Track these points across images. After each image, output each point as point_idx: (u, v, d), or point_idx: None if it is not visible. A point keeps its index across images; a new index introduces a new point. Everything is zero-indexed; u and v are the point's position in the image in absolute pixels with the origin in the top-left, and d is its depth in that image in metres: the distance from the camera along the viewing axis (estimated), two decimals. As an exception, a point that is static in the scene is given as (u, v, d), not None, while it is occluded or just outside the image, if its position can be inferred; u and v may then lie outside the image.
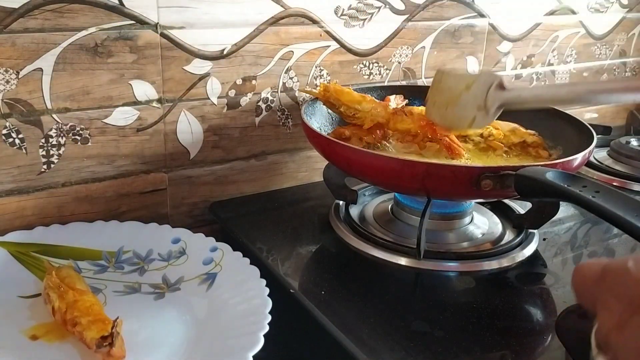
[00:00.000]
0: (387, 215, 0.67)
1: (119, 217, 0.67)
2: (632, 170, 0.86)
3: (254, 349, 0.46)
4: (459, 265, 0.59)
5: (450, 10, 0.84)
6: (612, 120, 1.15)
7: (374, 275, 0.58)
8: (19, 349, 0.48)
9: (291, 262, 0.60)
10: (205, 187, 0.73)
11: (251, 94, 0.72)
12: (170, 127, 0.68)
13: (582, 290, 0.32)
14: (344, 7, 0.75)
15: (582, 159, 0.58)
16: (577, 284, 0.32)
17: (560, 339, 0.44)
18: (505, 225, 0.67)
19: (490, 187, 0.52)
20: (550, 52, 0.99)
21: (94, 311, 0.50)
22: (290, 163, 0.79)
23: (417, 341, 0.48)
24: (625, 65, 1.12)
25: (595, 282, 0.30)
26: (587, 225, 0.71)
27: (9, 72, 0.58)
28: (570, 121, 0.69)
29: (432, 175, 0.54)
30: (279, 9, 0.70)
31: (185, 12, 0.64)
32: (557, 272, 0.60)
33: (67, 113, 0.62)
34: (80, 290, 0.52)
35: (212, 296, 0.56)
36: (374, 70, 0.81)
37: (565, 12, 0.97)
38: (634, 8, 1.07)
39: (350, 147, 0.60)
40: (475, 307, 0.53)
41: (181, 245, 0.62)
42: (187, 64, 0.66)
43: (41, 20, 0.57)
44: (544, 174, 0.49)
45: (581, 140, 0.64)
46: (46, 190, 0.64)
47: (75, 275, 0.55)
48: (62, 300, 0.50)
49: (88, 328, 0.48)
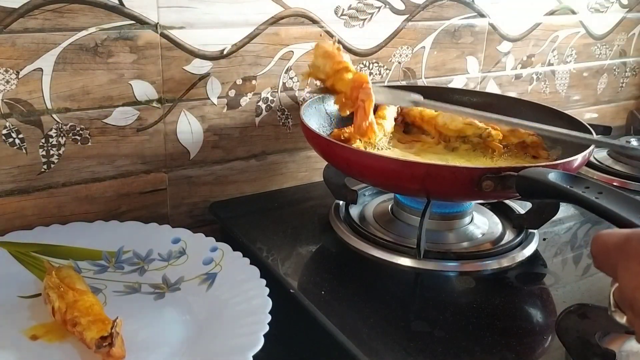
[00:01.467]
0: (387, 215, 0.67)
1: (119, 217, 0.67)
2: (632, 170, 0.86)
3: (254, 349, 0.46)
4: (459, 265, 0.59)
5: (450, 10, 0.84)
6: (612, 120, 1.15)
7: (374, 275, 0.58)
8: (19, 349, 0.48)
9: (291, 262, 0.60)
10: (205, 187, 0.73)
11: (251, 94, 0.72)
12: (170, 127, 0.68)
13: (602, 254, 0.35)
14: (344, 7, 0.75)
15: (582, 160, 0.58)
16: (597, 249, 0.35)
17: (560, 339, 0.44)
18: (505, 225, 0.67)
19: (491, 188, 0.52)
20: (550, 52, 0.99)
21: (94, 311, 0.50)
22: (290, 163, 0.79)
23: (417, 341, 0.48)
24: (625, 65, 1.12)
25: (617, 247, 0.34)
26: (587, 225, 0.71)
27: (9, 72, 0.58)
28: (569, 121, 0.68)
29: (433, 176, 0.54)
30: (279, 9, 0.70)
31: (185, 12, 0.64)
32: (557, 272, 0.60)
33: (67, 113, 0.62)
34: (80, 291, 0.52)
35: (212, 296, 0.56)
36: (374, 70, 0.81)
37: (565, 12, 0.97)
38: (634, 8, 1.07)
39: (350, 148, 0.60)
40: (475, 307, 0.53)
41: (181, 245, 0.62)
42: (187, 64, 0.66)
43: (41, 20, 0.57)
44: (546, 175, 0.49)
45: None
46: (46, 190, 0.64)
47: (75, 275, 0.55)
48: (62, 300, 0.50)
49: (88, 328, 0.48)
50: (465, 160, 0.66)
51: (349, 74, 0.62)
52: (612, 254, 0.34)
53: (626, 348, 0.45)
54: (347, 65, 0.62)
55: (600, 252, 0.35)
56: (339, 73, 0.62)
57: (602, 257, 0.35)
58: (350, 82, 0.62)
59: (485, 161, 0.66)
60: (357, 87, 0.61)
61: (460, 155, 0.67)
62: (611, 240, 0.34)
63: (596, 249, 0.36)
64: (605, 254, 0.35)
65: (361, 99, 0.61)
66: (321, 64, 0.63)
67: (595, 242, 0.36)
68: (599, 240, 0.35)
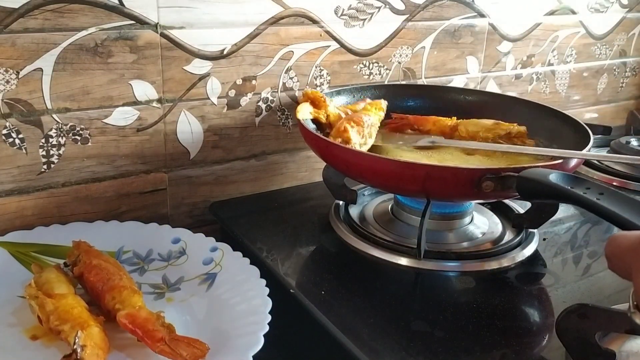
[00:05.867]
0: (387, 215, 0.67)
1: (119, 217, 0.67)
2: (632, 170, 0.86)
3: (254, 349, 0.46)
4: (459, 265, 0.59)
5: (450, 10, 0.84)
6: (612, 120, 1.15)
7: (374, 275, 0.58)
8: (19, 349, 0.48)
9: (291, 262, 0.60)
10: (205, 187, 0.73)
11: (251, 94, 0.72)
12: (170, 127, 0.68)
13: (617, 256, 0.35)
14: (344, 7, 0.75)
15: (577, 160, 0.58)
16: (611, 251, 0.36)
17: (560, 339, 0.44)
18: (505, 225, 0.67)
19: (491, 189, 0.52)
20: (550, 52, 0.99)
21: (73, 315, 0.48)
22: (290, 163, 0.79)
23: (417, 341, 0.48)
24: (625, 65, 1.12)
25: (632, 249, 0.34)
26: (587, 225, 0.71)
27: (9, 72, 0.58)
28: (566, 121, 0.69)
29: (433, 178, 0.54)
30: (279, 9, 0.70)
31: (185, 12, 0.64)
32: (557, 272, 0.60)
33: (67, 113, 0.62)
34: (58, 295, 0.50)
35: (212, 296, 0.56)
36: (374, 70, 0.81)
37: (565, 12, 0.97)
38: (634, 8, 1.07)
39: (350, 150, 0.59)
40: (475, 307, 0.53)
41: (181, 245, 0.62)
42: (187, 64, 0.66)
43: (41, 20, 0.57)
44: (547, 176, 0.49)
45: (578, 140, 0.64)
46: (46, 190, 0.64)
47: (56, 278, 0.52)
48: (42, 309, 0.49)
49: (70, 334, 0.46)
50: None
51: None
52: (627, 256, 0.34)
53: (626, 348, 0.45)
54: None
55: (614, 254, 0.36)
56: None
57: (617, 259, 0.35)
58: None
59: (472, 161, 0.65)
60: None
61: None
62: (626, 243, 0.35)
63: (611, 251, 0.36)
64: (620, 256, 0.35)
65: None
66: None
67: (610, 244, 0.36)
68: (614, 243, 0.36)
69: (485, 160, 0.65)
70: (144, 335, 0.47)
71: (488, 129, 0.69)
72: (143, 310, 0.50)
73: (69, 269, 0.55)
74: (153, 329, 0.47)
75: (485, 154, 0.66)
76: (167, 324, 0.48)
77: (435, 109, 0.75)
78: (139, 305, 0.50)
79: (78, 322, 0.47)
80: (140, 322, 0.48)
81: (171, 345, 0.46)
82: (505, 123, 0.70)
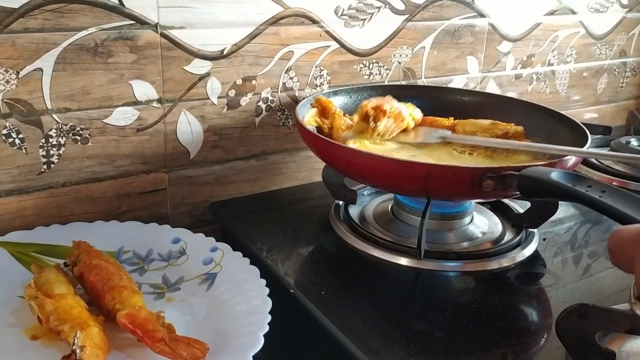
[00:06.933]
0: (387, 215, 0.67)
1: (119, 217, 0.67)
2: (632, 170, 0.86)
3: (254, 349, 0.46)
4: (459, 265, 0.59)
5: (450, 10, 0.84)
6: (612, 120, 1.15)
7: (374, 275, 0.58)
8: (19, 349, 0.48)
9: (291, 262, 0.60)
10: (205, 187, 0.73)
11: (251, 94, 0.72)
12: (170, 127, 0.68)
13: (619, 249, 0.36)
14: (344, 7, 0.75)
15: (576, 159, 0.58)
16: (614, 244, 0.36)
17: (560, 339, 0.44)
18: (505, 225, 0.67)
19: (491, 188, 0.52)
20: (550, 52, 0.99)
21: (72, 315, 0.48)
22: (290, 163, 0.79)
23: (417, 341, 0.48)
24: (625, 65, 1.12)
25: (634, 241, 0.35)
26: (587, 225, 0.71)
27: (9, 72, 0.58)
28: (564, 121, 0.69)
29: (434, 177, 0.54)
30: (279, 9, 0.70)
31: (185, 12, 0.64)
32: (557, 272, 0.60)
33: (67, 113, 0.62)
34: (58, 296, 0.50)
35: (212, 296, 0.56)
36: (374, 70, 0.81)
37: (565, 12, 0.97)
38: (634, 8, 1.07)
39: (350, 149, 0.59)
40: (475, 307, 0.53)
41: (181, 245, 0.62)
42: (187, 64, 0.66)
43: (41, 20, 0.57)
44: (548, 174, 0.49)
45: (576, 139, 0.64)
46: (46, 190, 0.64)
47: (55, 278, 0.52)
48: (42, 310, 0.49)
49: (70, 334, 0.46)
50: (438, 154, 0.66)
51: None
52: (629, 248, 0.35)
53: (626, 348, 0.45)
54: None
55: (617, 246, 0.36)
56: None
57: (619, 251, 0.36)
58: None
59: (469, 160, 0.65)
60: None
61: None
62: (628, 235, 0.35)
63: (614, 243, 0.36)
64: (622, 248, 0.35)
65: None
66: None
67: (613, 237, 0.36)
68: (617, 235, 0.36)
69: (484, 161, 0.65)
70: (144, 336, 0.47)
71: (485, 129, 0.69)
72: (143, 310, 0.50)
73: (69, 269, 0.55)
74: (153, 329, 0.47)
75: (484, 155, 0.66)
76: (167, 324, 0.48)
77: (433, 109, 0.75)
78: (139, 306, 0.50)
79: (78, 322, 0.47)
80: (140, 322, 0.48)
81: (171, 346, 0.46)
82: (503, 123, 0.70)
